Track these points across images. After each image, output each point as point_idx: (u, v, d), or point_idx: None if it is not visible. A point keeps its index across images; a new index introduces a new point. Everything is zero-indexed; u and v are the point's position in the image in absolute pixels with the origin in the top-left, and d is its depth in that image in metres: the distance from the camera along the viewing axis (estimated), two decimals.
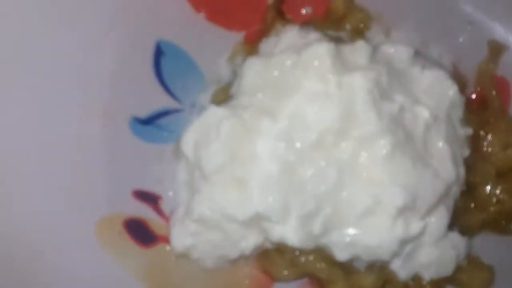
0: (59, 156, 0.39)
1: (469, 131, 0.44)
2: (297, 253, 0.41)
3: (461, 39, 0.47)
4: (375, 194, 0.39)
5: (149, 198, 0.43)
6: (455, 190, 0.42)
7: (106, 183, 0.40)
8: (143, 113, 0.44)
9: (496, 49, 0.46)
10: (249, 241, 0.41)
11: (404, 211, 0.39)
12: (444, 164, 0.41)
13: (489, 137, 0.45)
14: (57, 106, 0.40)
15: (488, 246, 0.45)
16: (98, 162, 0.41)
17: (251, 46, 0.46)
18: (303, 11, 0.48)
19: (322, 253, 0.41)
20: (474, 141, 0.45)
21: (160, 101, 0.44)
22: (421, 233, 0.40)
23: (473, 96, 0.47)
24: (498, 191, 0.44)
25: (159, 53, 0.44)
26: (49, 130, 0.39)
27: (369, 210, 0.39)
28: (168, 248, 0.42)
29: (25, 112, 0.38)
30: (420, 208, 0.40)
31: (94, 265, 0.39)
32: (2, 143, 0.38)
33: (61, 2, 0.41)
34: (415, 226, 0.40)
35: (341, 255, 0.40)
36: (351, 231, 0.40)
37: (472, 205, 0.44)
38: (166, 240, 0.42)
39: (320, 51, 0.41)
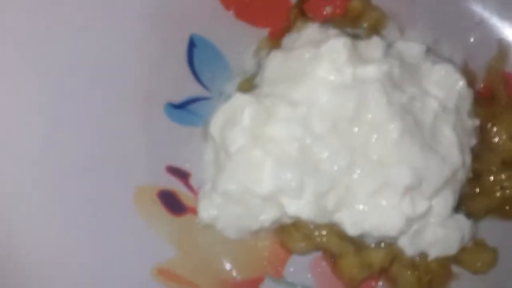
0: (105, 134, 0.43)
1: (477, 122, 0.46)
2: (312, 227, 0.43)
3: (471, 39, 0.49)
4: (384, 174, 0.41)
5: (180, 174, 0.46)
6: (461, 176, 0.43)
7: (144, 157, 0.44)
8: (177, 99, 0.46)
9: (505, 47, 0.48)
10: (268, 215, 0.44)
11: (410, 191, 0.41)
12: (451, 151, 0.43)
13: (496, 128, 0.46)
14: (103, 92, 0.43)
15: (493, 230, 0.46)
16: (136, 139, 0.44)
17: (275, 41, 0.48)
18: (324, 11, 0.49)
19: (334, 228, 0.43)
20: (482, 132, 0.46)
21: (192, 89, 0.47)
22: (427, 212, 0.42)
23: (482, 90, 0.48)
24: (503, 179, 0.45)
25: (192, 46, 0.47)
26: (98, 114, 0.43)
27: (379, 189, 0.41)
28: (196, 218, 0.44)
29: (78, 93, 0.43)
30: (426, 189, 0.42)
31: (130, 228, 0.42)
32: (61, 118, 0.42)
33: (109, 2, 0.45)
34: (421, 205, 0.42)
35: (352, 231, 0.42)
36: (361, 208, 0.42)
37: (478, 190, 0.45)
38: (194, 211, 0.44)
39: (337, 45, 0.44)
